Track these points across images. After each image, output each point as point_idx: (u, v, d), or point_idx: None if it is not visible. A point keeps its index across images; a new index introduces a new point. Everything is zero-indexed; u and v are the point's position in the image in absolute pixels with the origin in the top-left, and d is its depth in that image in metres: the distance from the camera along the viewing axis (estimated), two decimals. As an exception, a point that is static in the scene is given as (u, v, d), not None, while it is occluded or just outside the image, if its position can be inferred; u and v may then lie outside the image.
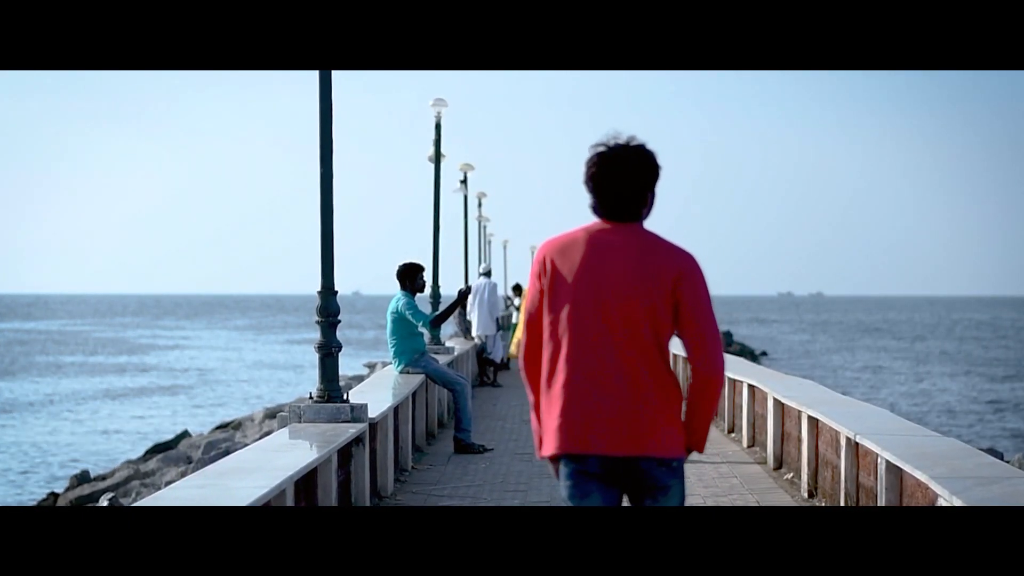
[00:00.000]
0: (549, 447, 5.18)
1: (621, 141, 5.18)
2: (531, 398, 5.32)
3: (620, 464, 5.10)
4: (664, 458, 5.13)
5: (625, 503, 5.29)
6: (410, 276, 14.99)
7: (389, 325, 15.07)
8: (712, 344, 5.12)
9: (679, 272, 5.10)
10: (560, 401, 5.13)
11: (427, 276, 15.51)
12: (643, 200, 5.17)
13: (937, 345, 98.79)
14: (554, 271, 5.17)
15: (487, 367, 25.68)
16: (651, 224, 5.26)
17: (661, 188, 5.31)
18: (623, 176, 5.13)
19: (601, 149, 5.18)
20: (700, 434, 5.27)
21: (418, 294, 15.08)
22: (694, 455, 5.67)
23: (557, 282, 5.17)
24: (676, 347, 5.80)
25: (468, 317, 26.20)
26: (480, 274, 25.90)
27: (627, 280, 5.10)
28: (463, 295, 16.44)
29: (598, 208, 5.20)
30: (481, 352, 25.47)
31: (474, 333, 25.39)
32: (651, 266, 5.10)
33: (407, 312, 14.78)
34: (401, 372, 15.04)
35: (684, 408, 5.26)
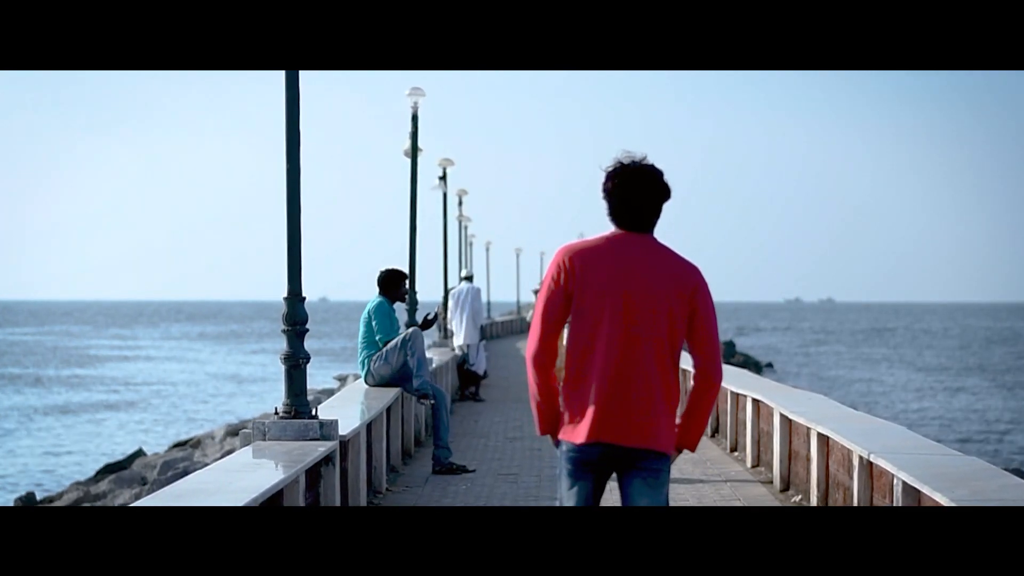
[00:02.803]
0: (571, 435, 6.13)
1: (639, 159, 6.14)
2: (536, 384, 6.21)
3: (620, 452, 6.08)
4: (659, 452, 6.10)
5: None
6: (393, 284, 15.00)
7: (362, 331, 15.05)
8: (718, 353, 6.15)
9: (696, 284, 6.11)
10: (586, 395, 6.10)
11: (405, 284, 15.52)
12: (658, 213, 6.16)
13: (957, 355, 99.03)
14: (582, 275, 6.10)
15: (469, 380, 25.61)
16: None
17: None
18: (645, 190, 6.11)
19: (624, 163, 6.13)
20: (696, 435, 6.25)
21: (397, 303, 15.12)
22: (697, 475, 6.27)
23: (585, 285, 6.10)
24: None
25: (449, 326, 26.09)
26: (461, 278, 25.81)
27: (652, 289, 6.07)
28: (428, 323, 16.45)
29: (617, 217, 6.16)
30: (462, 364, 25.37)
31: (456, 343, 25.26)
32: (673, 277, 6.09)
33: (374, 317, 14.77)
34: (374, 385, 15.01)
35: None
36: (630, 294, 6.05)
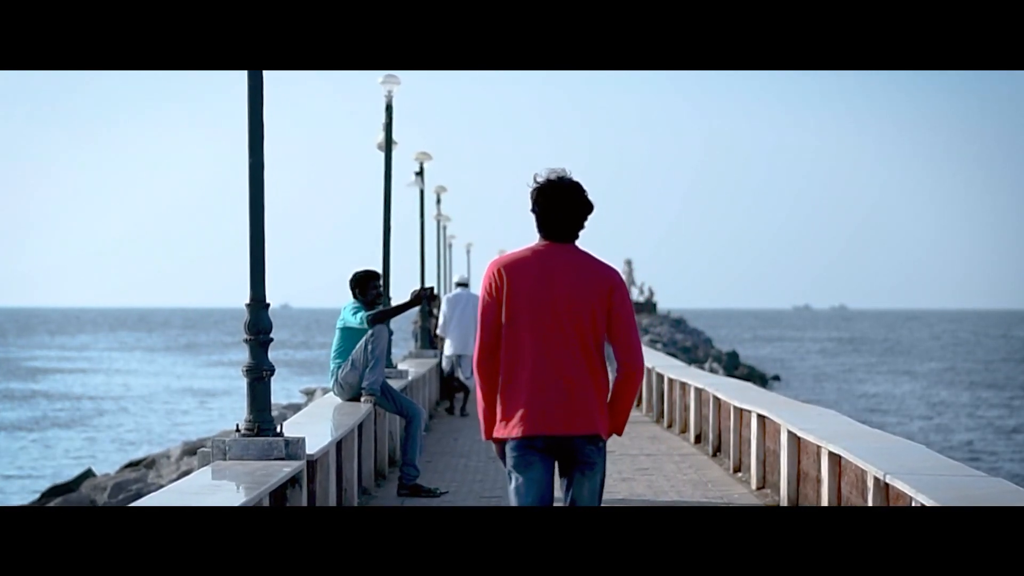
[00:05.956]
0: (508, 431, 7.29)
1: (562, 174, 7.31)
2: (483, 389, 7.41)
3: (559, 441, 7.27)
4: (594, 436, 7.29)
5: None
6: (361, 285, 14.97)
7: (336, 338, 15.00)
8: (635, 344, 7.35)
9: (612, 284, 7.32)
10: (521, 393, 7.27)
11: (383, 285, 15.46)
12: (581, 225, 7.36)
13: (981, 367, 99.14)
14: (510, 285, 7.26)
15: (455, 394, 25.49)
16: (646, 230, 5.97)
17: (658, 190, 6.07)
18: (568, 204, 7.30)
19: (549, 179, 7.29)
20: (622, 420, 7.47)
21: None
22: (697, 497, 6.77)
23: (513, 295, 7.26)
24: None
25: (439, 332, 25.98)
26: (457, 284, 25.82)
27: (573, 292, 7.26)
28: (419, 297, 16.28)
29: (543, 229, 7.34)
30: (449, 376, 25.25)
31: (449, 352, 25.15)
32: (592, 279, 7.29)
33: (351, 314, 14.72)
34: (344, 396, 14.97)
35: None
36: (554, 297, 7.24)
